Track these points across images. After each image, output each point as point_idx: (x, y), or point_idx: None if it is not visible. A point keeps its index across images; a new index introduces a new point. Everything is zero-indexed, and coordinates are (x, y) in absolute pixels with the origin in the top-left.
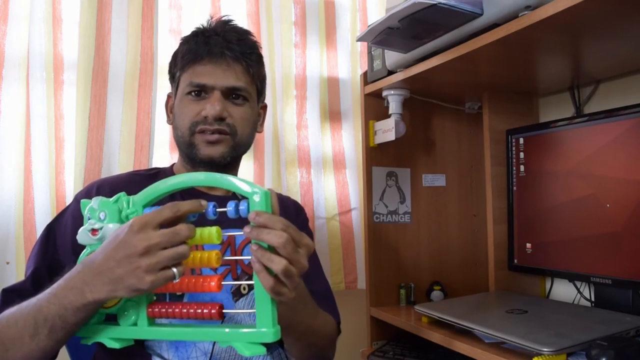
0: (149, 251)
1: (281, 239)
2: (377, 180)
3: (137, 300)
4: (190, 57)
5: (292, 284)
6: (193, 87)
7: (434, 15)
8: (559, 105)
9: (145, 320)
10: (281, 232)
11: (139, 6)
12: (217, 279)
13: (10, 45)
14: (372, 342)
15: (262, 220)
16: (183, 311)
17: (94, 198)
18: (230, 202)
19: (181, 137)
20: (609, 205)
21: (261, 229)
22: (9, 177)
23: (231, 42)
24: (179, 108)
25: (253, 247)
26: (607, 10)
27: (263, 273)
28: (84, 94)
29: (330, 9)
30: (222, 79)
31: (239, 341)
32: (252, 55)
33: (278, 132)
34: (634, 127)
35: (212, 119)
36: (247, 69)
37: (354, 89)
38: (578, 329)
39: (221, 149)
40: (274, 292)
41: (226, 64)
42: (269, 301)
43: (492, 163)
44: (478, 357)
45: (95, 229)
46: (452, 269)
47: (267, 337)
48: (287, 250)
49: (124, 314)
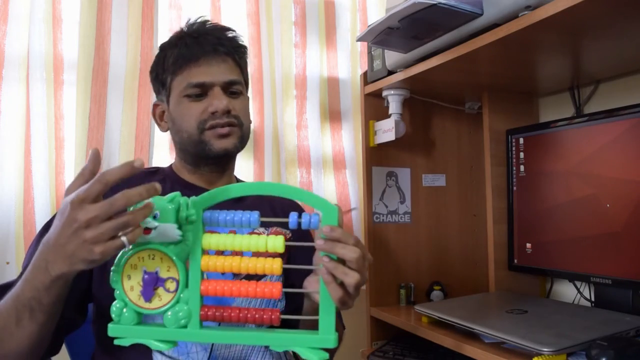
0: (90, 224)
1: (355, 254)
2: (377, 180)
3: (189, 302)
4: (183, 60)
5: (356, 295)
6: (193, 88)
7: (434, 15)
8: (559, 105)
9: (197, 322)
10: (354, 247)
11: (139, 6)
12: (279, 286)
13: (10, 45)
14: (372, 342)
15: (337, 235)
16: (240, 315)
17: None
18: (304, 214)
19: (188, 137)
20: (609, 205)
21: (335, 242)
22: (9, 177)
23: (221, 38)
24: (179, 111)
25: (325, 259)
26: (607, 10)
27: (333, 284)
28: (84, 94)
29: (330, 9)
30: (220, 75)
31: (301, 346)
32: (240, 48)
33: (278, 132)
34: (634, 127)
35: (222, 113)
36: (238, 62)
37: (354, 89)
38: (578, 329)
39: (233, 140)
40: (341, 302)
41: (221, 59)
42: (333, 309)
43: (492, 163)
44: (478, 357)
45: (149, 228)
46: (452, 269)
47: (330, 342)
48: (359, 264)
49: (170, 315)
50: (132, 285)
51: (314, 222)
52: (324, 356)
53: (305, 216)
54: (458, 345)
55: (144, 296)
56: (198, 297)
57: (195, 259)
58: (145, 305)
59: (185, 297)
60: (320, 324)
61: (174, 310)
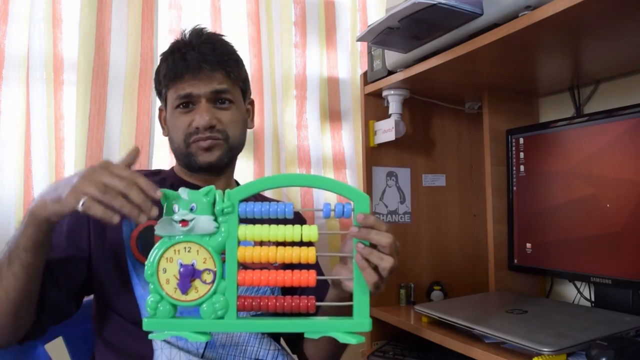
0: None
1: (389, 239)
2: (377, 180)
3: (226, 293)
4: (171, 76)
5: (388, 279)
6: (181, 100)
7: (434, 15)
8: (559, 105)
9: (234, 313)
10: (388, 233)
11: (139, 6)
12: (314, 274)
13: (10, 45)
14: (372, 342)
15: (371, 222)
16: (277, 304)
17: (181, 189)
18: (337, 204)
19: (177, 148)
20: (609, 205)
21: (369, 229)
22: (9, 177)
23: (206, 54)
24: (171, 122)
25: (359, 246)
26: (607, 10)
27: (368, 269)
28: (84, 94)
29: (330, 9)
30: (205, 87)
31: (337, 331)
32: (229, 61)
33: (278, 132)
34: (634, 127)
35: (203, 129)
36: (228, 74)
37: (354, 89)
38: (578, 329)
39: (217, 153)
40: (375, 287)
41: (206, 75)
42: (367, 294)
43: (492, 163)
44: (478, 357)
45: (186, 220)
46: (452, 269)
47: (365, 326)
48: (392, 249)
49: (206, 307)
50: (168, 278)
51: (347, 210)
52: (360, 339)
53: (339, 205)
54: (458, 345)
55: (181, 288)
56: (235, 287)
57: (231, 250)
58: (182, 297)
59: (222, 288)
60: (355, 308)
61: (210, 301)
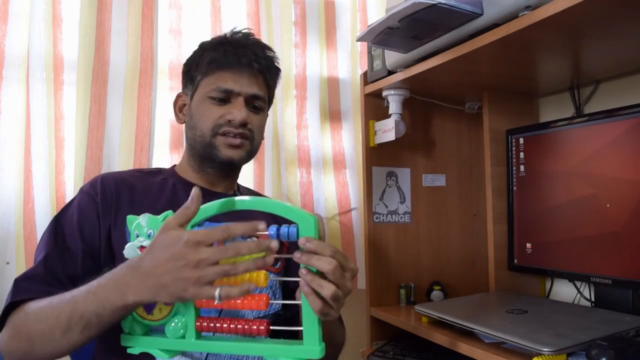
0: (198, 265)
1: (330, 265)
2: (377, 180)
3: (185, 314)
4: (218, 64)
5: (338, 306)
6: (219, 92)
7: (434, 15)
8: (559, 105)
9: (193, 334)
10: (330, 258)
11: (139, 6)
12: (265, 298)
13: (10, 45)
14: (372, 342)
15: (312, 246)
16: (231, 326)
17: (141, 215)
18: (282, 226)
19: (200, 136)
20: (609, 205)
21: (311, 254)
22: (9, 177)
23: (259, 55)
24: (199, 110)
25: (302, 272)
26: (607, 10)
27: (312, 296)
28: (84, 94)
29: (330, 9)
30: (248, 87)
31: (286, 357)
32: (272, 69)
33: (278, 132)
34: (634, 127)
35: (238, 124)
36: (268, 81)
37: (354, 89)
38: (578, 329)
39: (241, 152)
40: (322, 314)
41: (252, 74)
42: (316, 321)
43: (492, 163)
44: (478, 357)
45: (143, 246)
46: (452, 269)
47: (314, 354)
48: (336, 276)
49: (171, 327)
50: None
51: (292, 233)
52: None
53: (284, 228)
54: (458, 345)
55: (146, 309)
56: (192, 309)
57: None
58: (148, 317)
59: (182, 310)
60: (304, 335)
61: (173, 321)
